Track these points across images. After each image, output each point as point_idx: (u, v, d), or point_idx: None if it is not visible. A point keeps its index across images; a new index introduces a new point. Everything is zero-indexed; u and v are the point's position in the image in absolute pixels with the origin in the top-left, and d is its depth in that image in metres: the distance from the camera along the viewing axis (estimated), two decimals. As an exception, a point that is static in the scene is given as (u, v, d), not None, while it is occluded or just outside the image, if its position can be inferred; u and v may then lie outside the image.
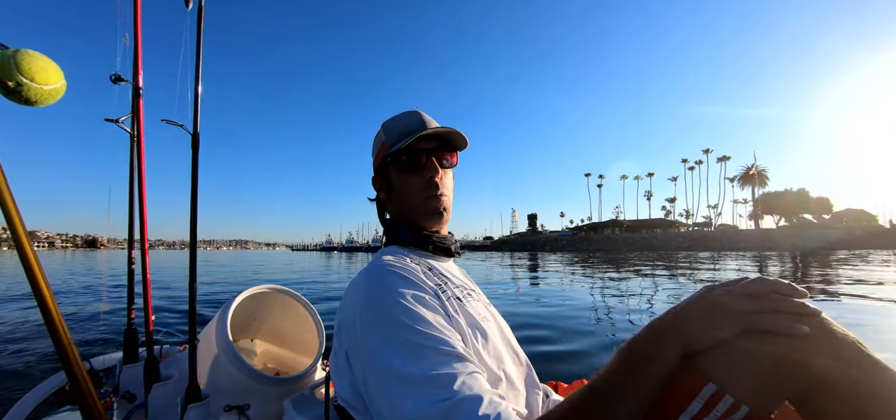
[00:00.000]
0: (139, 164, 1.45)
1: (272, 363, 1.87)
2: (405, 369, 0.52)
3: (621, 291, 8.02)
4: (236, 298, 1.47)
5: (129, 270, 1.53)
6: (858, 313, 5.36)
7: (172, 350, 1.63)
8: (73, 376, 0.62)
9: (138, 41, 1.45)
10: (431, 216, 0.80)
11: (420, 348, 0.54)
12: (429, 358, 0.53)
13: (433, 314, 0.60)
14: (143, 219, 1.47)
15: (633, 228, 78.22)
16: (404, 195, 0.81)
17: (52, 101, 0.61)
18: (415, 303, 0.60)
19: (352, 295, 0.66)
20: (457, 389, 0.50)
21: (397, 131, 0.80)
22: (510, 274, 13.58)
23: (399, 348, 0.55)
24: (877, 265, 14.60)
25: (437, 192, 0.80)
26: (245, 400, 1.26)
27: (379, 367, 0.55)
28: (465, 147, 0.84)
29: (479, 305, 0.75)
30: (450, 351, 0.55)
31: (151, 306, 1.44)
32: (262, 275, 14.62)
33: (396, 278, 0.64)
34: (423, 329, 0.56)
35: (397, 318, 0.57)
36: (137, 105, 1.45)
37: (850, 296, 6.96)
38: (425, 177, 0.79)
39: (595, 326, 4.74)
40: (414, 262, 0.72)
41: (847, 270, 11.99)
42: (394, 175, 0.82)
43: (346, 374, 0.65)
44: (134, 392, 1.40)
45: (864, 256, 22.72)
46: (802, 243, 48.04)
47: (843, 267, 13.65)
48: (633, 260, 21.77)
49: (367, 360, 0.58)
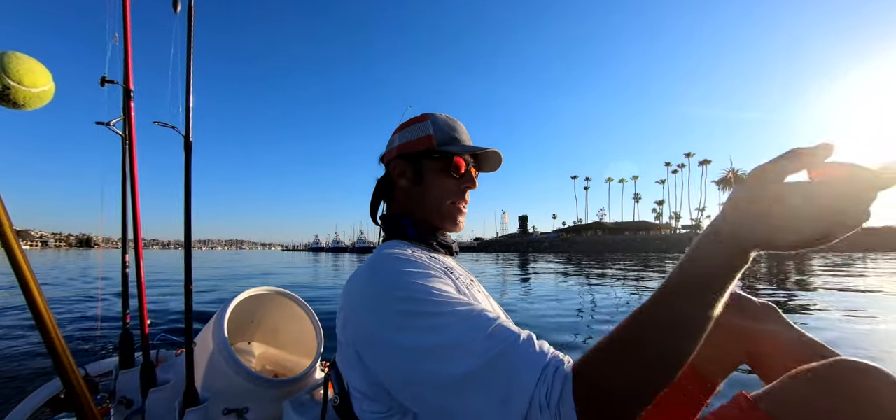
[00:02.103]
0: (131, 167, 1.43)
1: (270, 365, 1.86)
2: (430, 340, 0.51)
3: (560, 296, 7.60)
4: (233, 300, 1.46)
5: (123, 274, 1.51)
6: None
7: (169, 354, 1.61)
8: (69, 383, 0.61)
9: (128, 42, 1.43)
10: (453, 223, 0.82)
11: (441, 316, 0.52)
12: (456, 322, 0.51)
13: (445, 285, 0.59)
14: (136, 222, 1.46)
15: (616, 230, 79.98)
16: (435, 194, 0.80)
17: (41, 104, 0.60)
18: (425, 279, 0.58)
19: (356, 289, 0.64)
20: (496, 338, 0.48)
21: (449, 133, 0.80)
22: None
23: (419, 322, 0.53)
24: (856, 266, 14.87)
25: (465, 202, 0.83)
26: (244, 403, 1.25)
27: (401, 346, 0.53)
28: (493, 170, 0.89)
29: (481, 295, 0.75)
30: (476, 308, 0.53)
31: (147, 310, 1.43)
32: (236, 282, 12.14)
33: (401, 262, 0.62)
34: (440, 298, 0.55)
35: (410, 295, 0.56)
36: (128, 107, 1.43)
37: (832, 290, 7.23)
38: (461, 185, 0.81)
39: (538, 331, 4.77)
40: (415, 253, 0.71)
41: (826, 272, 12.21)
42: (429, 170, 0.80)
43: (357, 368, 0.63)
44: (131, 398, 1.39)
45: (844, 256, 23.42)
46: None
47: (822, 267, 13.96)
48: (608, 262, 21.50)
49: (385, 346, 0.55)
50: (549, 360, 0.46)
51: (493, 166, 0.87)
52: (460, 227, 0.84)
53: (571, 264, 18.23)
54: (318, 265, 22.14)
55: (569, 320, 5.09)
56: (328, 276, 14.32)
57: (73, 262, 18.92)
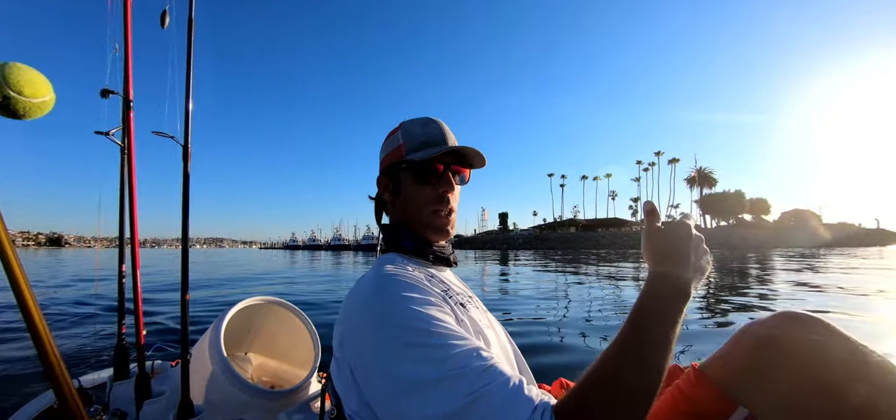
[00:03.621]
0: (130, 177, 1.43)
1: (267, 376, 1.84)
2: (425, 374, 0.51)
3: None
4: (230, 311, 1.45)
5: (119, 283, 1.50)
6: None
7: (164, 365, 1.60)
8: (62, 395, 0.60)
9: (129, 53, 1.45)
10: (437, 232, 0.80)
11: (437, 349, 0.53)
12: (450, 357, 0.52)
13: (444, 315, 0.59)
14: (133, 231, 1.45)
15: (590, 227, 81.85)
16: (412, 204, 0.79)
17: (41, 114, 0.60)
18: (425, 306, 0.58)
19: (355, 307, 0.64)
20: (484, 379, 0.49)
21: (419, 139, 0.78)
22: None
23: (415, 353, 0.53)
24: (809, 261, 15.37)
25: (446, 207, 0.79)
26: (240, 415, 1.24)
27: (395, 377, 0.53)
28: (481, 166, 0.84)
29: (479, 312, 0.74)
30: (469, 346, 0.54)
31: (142, 321, 1.42)
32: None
33: (402, 285, 0.62)
34: (438, 330, 0.55)
35: (410, 324, 0.56)
36: (128, 117, 1.44)
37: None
38: (438, 190, 0.78)
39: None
40: (415, 270, 0.71)
41: (786, 269, 12.69)
42: (405, 181, 0.80)
43: (352, 388, 0.63)
44: (125, 410, 1.37)
45: (808, 253, 24.92)
46: (742, 243, 52.69)
47: (786, 265, 14.55)
48: (581, 257, 22.88)
49: (379, 374, 0.56)
50: (538, 405, 0.47)
51: (479, 163, 0.83)
52: (447, 235, 0.81)
53: (545, 260, 18.47)
54: (296, 267, 19.59)
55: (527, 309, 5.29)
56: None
57: (69, 264, 18.58)
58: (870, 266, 13.12)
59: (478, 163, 0.83)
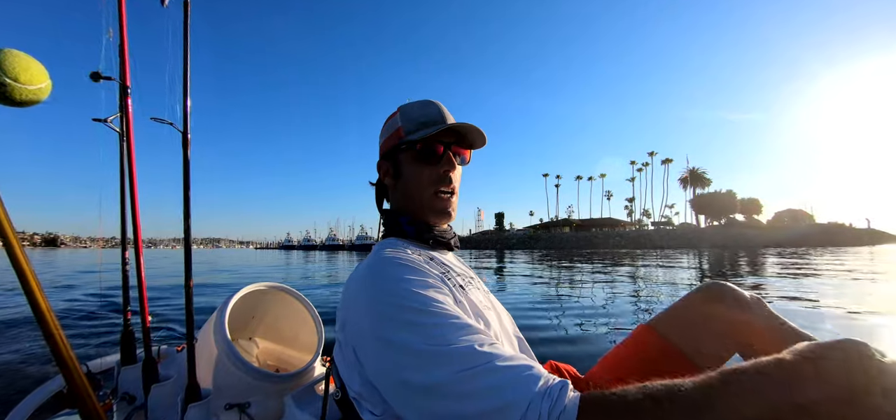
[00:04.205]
0: (130, 164, 1.43)
1: (271, 360, 1.87)
2: (423, 348, 0.52)
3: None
4: (234, 297, 1.46)
5: (123, 272, 1.51)
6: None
7: (170, 350, 1.62)
8: (72, 380, 0.61)
9: (124, 37, 1.42)
10: (439, 214, 0.79)
11: (434, 328, 0.53)
12: (446, 335, 0.52)
13: (442, 296, 0.59)
14: (135, 218, 1.45)
15: (584, 227, 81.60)
16: (414, 186, 0.78)
17: (37, 101, 0.59)
18: (422, 288, 0.59)
19: (355, 289, 0.65)
20: (482, 358, 0.49)
21: (416, 119, 0.78)
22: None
23: (412, 332, 0.54)
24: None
25: (448, 187, 0.78)
26: (245, 398, 1.26)
27: (393, 355, 0.54)
28: (482, 145, 0.82)
29: (480, 293, 0.75)
30: (465, 324, 0.54)
31: (147, 307, 1.43)
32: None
33: (401, 267, 0.63)
34: (434, 310, 0.55)
35: (407, 303, 0.56)
36: (125, 103, 1.42)
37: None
38: (439, 170, 0.77)
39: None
40: (414, 253, 0.71)
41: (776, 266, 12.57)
42: (405, 163, 0.79)
43: (355, 368, 0.64)
44: (133, 393, 1.40)
45: (798, 252, 24.86)
46: (734, 242, 52.82)
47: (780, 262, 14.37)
48: (574, 256, 22.31)
49: (379, 353, 0.57)
50: (549, 379, 0.47)
51: (480, 142, 0.82)
52: (450, 218, 0.81)
53: (539, 261, 18.40)
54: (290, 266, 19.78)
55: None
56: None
57: (69, 263, 18.75)
58: (859, 267, 11.88)
59: (479, 142, 0.82)
